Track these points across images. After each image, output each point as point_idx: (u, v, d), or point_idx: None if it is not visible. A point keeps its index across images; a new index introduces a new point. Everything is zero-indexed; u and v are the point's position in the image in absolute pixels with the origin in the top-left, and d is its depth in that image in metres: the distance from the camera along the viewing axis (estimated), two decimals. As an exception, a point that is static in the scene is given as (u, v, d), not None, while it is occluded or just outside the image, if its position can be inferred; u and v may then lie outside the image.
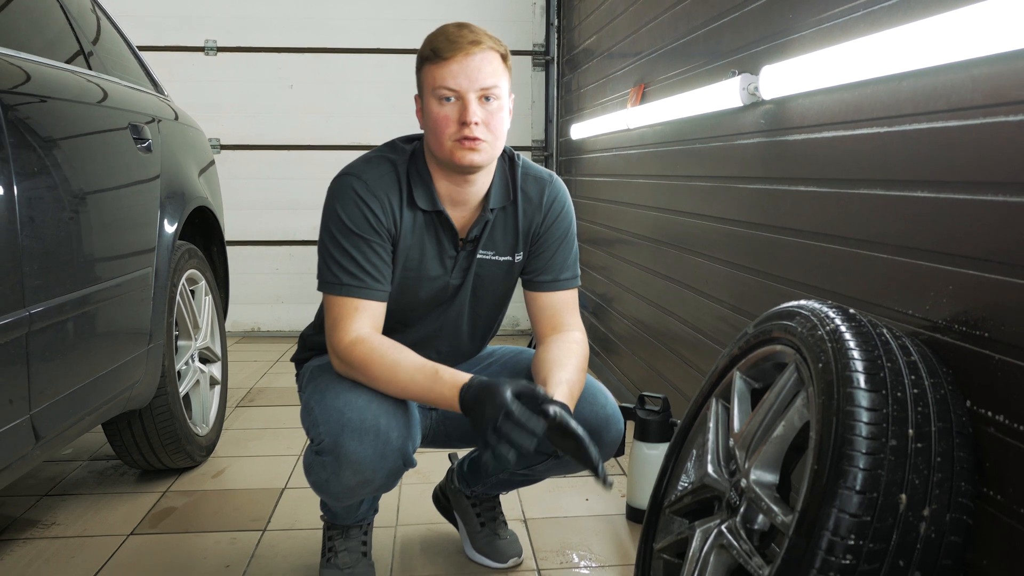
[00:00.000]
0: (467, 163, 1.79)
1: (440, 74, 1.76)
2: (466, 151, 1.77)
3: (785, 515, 1.39)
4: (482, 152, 1.79)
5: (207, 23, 5.20)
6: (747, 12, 2.33)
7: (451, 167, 1.82)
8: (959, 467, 1.30)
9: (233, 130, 5.26)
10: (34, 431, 1.86)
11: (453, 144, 1.77)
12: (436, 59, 1.76)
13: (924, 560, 1.25)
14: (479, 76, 1.75)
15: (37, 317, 1.84)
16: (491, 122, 1.78)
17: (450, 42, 1.75)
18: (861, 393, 1.31)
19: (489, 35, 1.81)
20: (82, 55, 2.53)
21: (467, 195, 1.89)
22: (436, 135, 1.79)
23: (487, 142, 1.78)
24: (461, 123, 1.76)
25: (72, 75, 2.32)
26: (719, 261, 2.56)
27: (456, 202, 1.89)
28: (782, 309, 1.61)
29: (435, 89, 1.77)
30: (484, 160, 1.81)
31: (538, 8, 5.33)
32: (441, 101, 1.77)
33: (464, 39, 1.76)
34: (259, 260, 5.36)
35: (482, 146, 1.78)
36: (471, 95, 1.75)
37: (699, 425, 1.80)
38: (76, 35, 2.56)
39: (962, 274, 1.42)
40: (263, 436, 3.35)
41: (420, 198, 1.86)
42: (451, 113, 1.77)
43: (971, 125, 1.41)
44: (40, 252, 1.90)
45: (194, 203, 2.90)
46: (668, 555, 1.74)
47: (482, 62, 1.76)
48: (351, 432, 1.73)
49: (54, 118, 2.10)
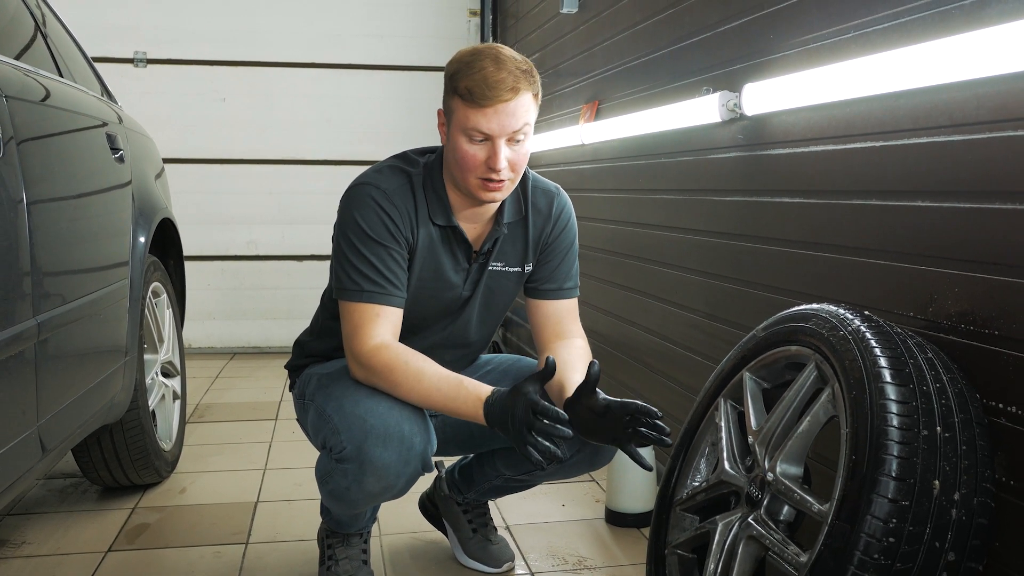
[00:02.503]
0: (488, 200, 1.83)
1: (474, 118, 1.74)
2: (489, 191, 1.81)
3: (819, 504, 1.47)
4: (503, 191, 1.83)
5: (136, 35, 5.09)
6: (721, 32, 2.44)
7: (471, 198, 1.86)
8: (981, 455, 1.41)
9: (164, 144, 5.10)
10: (40, 443, 1.83)
11: (477, 182, 1.79)
12: (472, 102, 1.73)
13: (957, 541, 1.35)
14: (511, 123, 1.74)
15: (45, 326, 1.81)
16: (517, 161, 1.80)
17: (488, 88, 1.72)
18: (891, 387, 1.40)
19: (524, 72, 1.77)
20: (54, 62, 2.48)
21: (481, 212, 1.92)
22: (461, 170, 1.80)
23: (510, 180, 1.82)
24: (488, 167, 1.77)
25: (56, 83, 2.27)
26: (690, 271, 2.65)
27: (470, 217, 1.93)
28: (795, 312, 1.70)
29: (466, 128, 1.76)
30: (504, 196, 1.86)
31: (473, 25, 5.39)
32: (471, 140, 1.77)
33: (503, 86, 1.72)
34: (191, 275, 5.22)
35: (505, 186, 1.81)
36: (501, 140, 1.75)
37: (707, 425, 1.88)
38: (47, 42, 2.51)
39: (968, 277, 1.54)
40: (223, 451, 3.30)
41: (436, 213, 1.89)
42: (479, 153, 1.77)
43: (974, 140, 1.53)
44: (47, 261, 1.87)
45: (160, 215, 2.87)
46: (683, 550, 1.81)
47: (517, 108, 1.75)
48: (375, 439, 1.75)
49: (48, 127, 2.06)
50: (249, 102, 5.25)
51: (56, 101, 2.15)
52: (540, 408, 1.64)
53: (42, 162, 1.92)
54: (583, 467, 2.04)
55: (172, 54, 5.15)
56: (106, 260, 2.33)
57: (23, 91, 1.92)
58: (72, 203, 2.12)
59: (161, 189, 3.12)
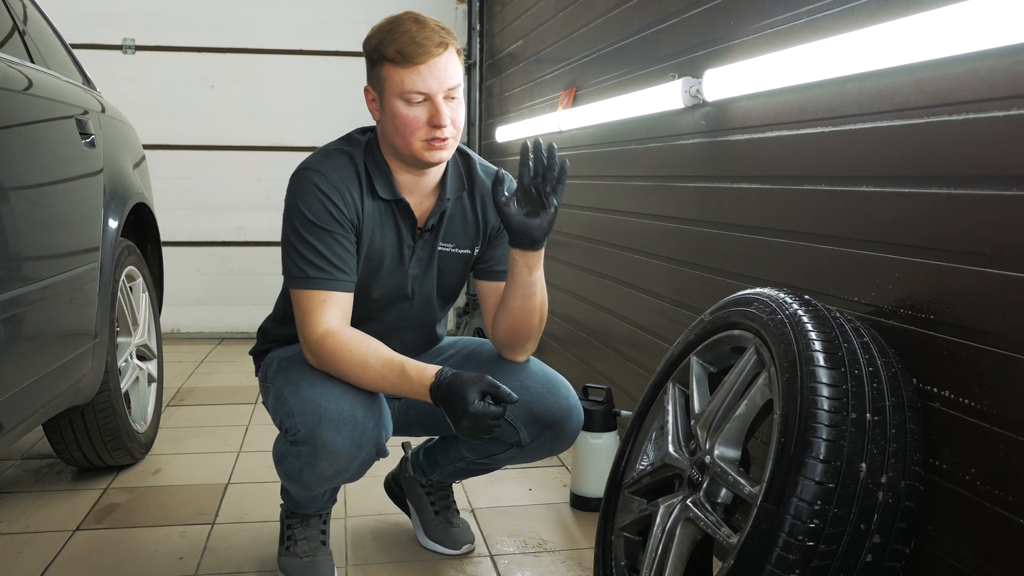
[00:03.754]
0: (436, 161, 1.86)
1: (409, 78, 1.78)
2: (435, 151, 1.83)
3: (752, 486, 1.48)
4: (448, 149, 1.86)
5: (125, 21, 5.10)
6: (687, 18, 2.44)
7: (415, 163, 1.88)
8: (911, 438, 1.41)
9: (152, 130, 5.15)
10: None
11: (422, 144, 1.82)
12: (403, 62, 1.77)
13: (883, 524, 1.36)
14: (446, 78, 1.79)
15: (3, 306, 1.82)
16: (456, 118, 1.85)
17: (417, 45, 1.76)
18: (822, 371, 1.41)
19: (446, 29, 1.83)
20: (24, 48, 2.49)
21: (423, 184, 1.95)
22: (403, 135, 1.82)
23: (452, 138, 1.86)
24: (432, 125, 1.80)
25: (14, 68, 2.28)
26: (658, 257, 2.66)
27: (413, 190, 1.95)
28: (739, 296, 1.71)
29: (403, 92, 1.79)
30: (449, 156, 1.89)
31: (460, 13, 5.39)
32: (410, 103, 1.80)
33: (431, 41, 1.77)
34: (179, 261, 5.27)
35: (449, 143, 1.85)
36: (440, 97, 1.79)
37: (656, 409, 1.89)
38: (17, 28, 2.52)
39: (907, 262, 1.54)
40: (199, 434, 3.32)
41: (380, 187, 1.91)
42: (420, 115, 1.80)
43: (914, 124, 1.53)
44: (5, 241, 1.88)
45: (134, 199, 2.88)
46: (629, 532, 1.82)
47: (448, 63, 1.80)
48: (328, 423, 1.77)
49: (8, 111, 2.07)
50: (237, 89, 5.26)
51: (17, 85, 2.16)
52: (487, 384, 1.72)
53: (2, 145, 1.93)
54: (543, 451, 2.05)
55: (160, 41, 5.15)
56: (72, 242, 2.34)
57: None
58: (35, 185, 2.13)
59: (139, 175, 3.12)
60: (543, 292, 1.95)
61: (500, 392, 1.73)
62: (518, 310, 1.94)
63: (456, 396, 1.71)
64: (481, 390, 1.72)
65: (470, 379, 1.73)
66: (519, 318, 1.95)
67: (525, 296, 1.92)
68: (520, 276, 1.90)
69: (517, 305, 1.93)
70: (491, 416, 1.71)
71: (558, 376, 2.05)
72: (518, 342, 2.00)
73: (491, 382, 1.74)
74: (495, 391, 1.73)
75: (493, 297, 2.06)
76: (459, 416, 1.70)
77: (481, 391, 1.72)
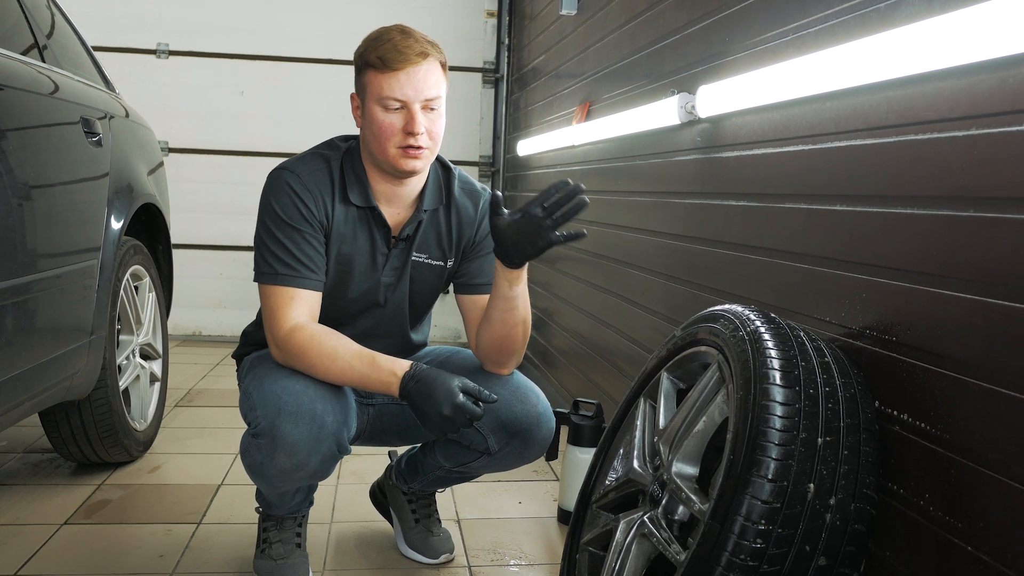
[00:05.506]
0: (409, 169, 1.89)
1: (388, 84, 1.83)
2: (409, 159, 1.87)
3: (703, 503, 1.46)
4: (423, 159, 1.89)
5: (160, 26, 5.20)
6: (688, 34, 2.43)
7: (391, 171, 1.91)
8: (865, 460, 1.39)
9: (182, 134, 5.25)
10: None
11: (397, 151, 1.86)
12: (383, 68, 1.84)
13: (829, 546, 1.33)
14: (424, 87, 1.84)
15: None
16: (433, 130, 1.88)
17: (398, 52, 1.83)
18: (776, 389, 1.39)
19: (431, 43, 1.89)
20: (36, 48, 2.54)
21: (401, 194, 1.98)
22: (379, 141, 1.87)
23: (428, 149, 1.89)
24: (407, 132, 1.84)
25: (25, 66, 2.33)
26: (655, 273, 2.65)
27: (390, 200, 1.98)
28: (708, 313, 1.69)
29: (381, 98, 1.85)
30: (424, 166, 1.92)
31: (490, 26, 5.42)
32: (387, 109, 1.85)
33: (412, 50, 1.83)
34: (203, 264, 5.35)
35: (424, 153, 1.88)
36: (416, 105, 1.84)
37: (627, 424, 1.88)
38: (31, 28, 2.58)
39: (873, 282, 1.52)
40: (201, 435, 3.35)
41: (354, 194, 1.94)
42: (396, 121, 1.85)
43: (884, 143, 1.51)
44: None
45: (141, 200, 2.92)
46: (594, 547, 1.81)
47: (428, 73, 1.85)
48: (287, 415, 1.79)
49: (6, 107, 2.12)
50: (267, 96, 5.34)
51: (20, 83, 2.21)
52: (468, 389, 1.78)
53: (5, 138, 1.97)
54: (513, 459, 2.05)
55: (193, 46, 5.24)
56: (69, 239, 2.38)
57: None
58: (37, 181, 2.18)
59: (153, 177, 3.17)
60: (526, 307, 1.95)
61: (482, 394, 1.78)
62: (499, 323, 1.94)
63: (440, 389, 1.75)
64: (462, 387, 1.76)
65: (450, 375, 1.78)
66: (501, 332, 1.96)
67: (505, 309, 1.92)
68: (501, 288, 1.91)
69: (498, 318, 1.94)
70: (470, 414, 1.75)
71: (529, 383, 2.05)
72: (501, 357, 2.01)
73: (471, 383, 1.79)
74: (477, 392, 1.78)
75: (474, 311, 2.07)
76: (436, 407, 1.73)
77: (462, 388, 1.76)
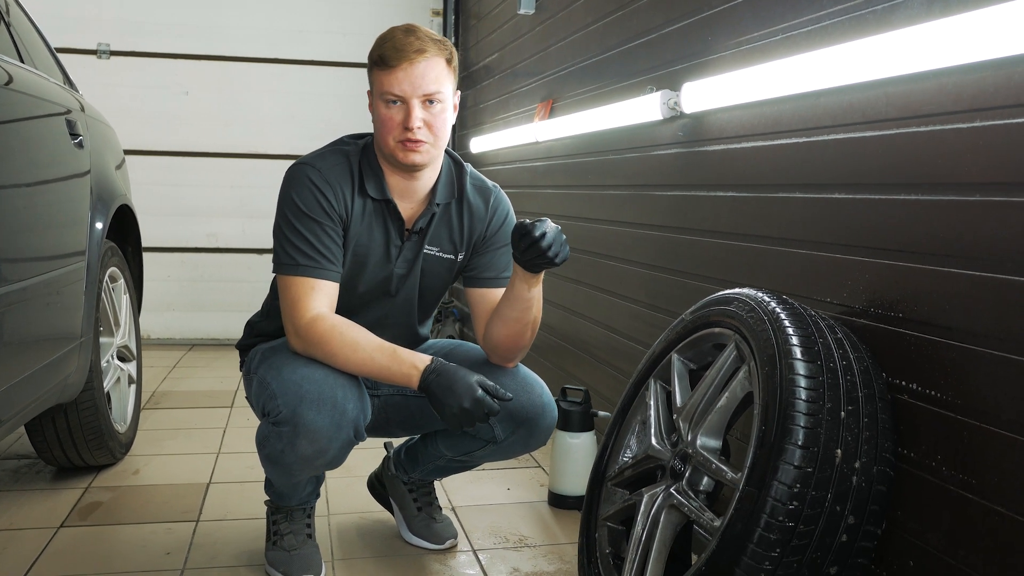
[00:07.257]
0: (409, 162, 1.96)
1: (387, 80, 1.92)
2: (408, 152, 1.94)
3: (734, 472, 1.57)
4: (423, 153, 1.96)
5: (100, 26, 5.12)
6: (664, 34, 2.55)
7: (397, 164, 1.99)
8: (882, 427, 1.51)
9: (127, 135, 5.12)
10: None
11: (396, 144, 1.95)
12: (383, 65, 1.92)
13: (856, 506, 1.45)
14: (422, 83, 1.91)
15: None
16: (434, 124, 1.95)
17: (396, 50, 1.91)
18: (800, 363, 1.50)
19: (435, 39, 1.96)
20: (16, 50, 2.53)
21: (414, 188, 2.05)
22: (382, 134, 1.96)
23: (428, 143, 1.95)
24: (404, 127, 1.92)
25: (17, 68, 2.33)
26: (634, 264, 2.76)
27: (403, 194, 2.05)
28: (719, 296, 1.80)
29: (382, 93, 1.94)
30: (425, 160, 1.98)
31: (435, 25, 5.47)
32: (388, 104, 1.94)
33: (410, 47, 1.90)
34: (151, 267, 5.25)
35: (423, 147, 1.95)
36: (414, 100, 1.91)
37: (637, 405, 1.98)
38: (9, 30, 2.56)
39: (877, 264, 1.64)
40: (177, 436, 3.36)
41: (371, 187, 2.01)
42: (396, 116, 1.93)
43: (884, 135, 1.64)
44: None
45: (118, 201, 2.92)
46: (612, 522, 1.90)
47: (426, 69, 1.92)
48: (309, 402, 1.86)
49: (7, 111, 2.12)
50: (212, 96, 5.30)
51: (17, 86, 2.21)
52: (486, 386, 1.86)
53: (0, 143, 1.98)
54: (518, 447, 2.13)
55: (135, 46, 5.18)
56: (61, 242, 2.39)
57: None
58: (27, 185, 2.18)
59: (121, 177, 3.17)
60: (539, 306, 2.03)
61: (498, 392, 1.87)
62: (513, 321, 2.02)
63: (461, 384, 1.83)
64: (480, 383, 1.85)
65: (469, 371, 1.87)
66: (515, 329, 2.03)
67: (523, 309, 1.99)
68: (519, 290, 1.97)
69: (512, 316, 2.01)
70: (488, 409, 1.83)
71: (533, 375, 2.14)
72: (511, 352, 2.08)
73: (488, 380, 1.88)
74: (494, 390, 1.87)
75: (482, 304, 2.14)
76: (457, 400, 1.81)
77: (481, 384, 1.85)
